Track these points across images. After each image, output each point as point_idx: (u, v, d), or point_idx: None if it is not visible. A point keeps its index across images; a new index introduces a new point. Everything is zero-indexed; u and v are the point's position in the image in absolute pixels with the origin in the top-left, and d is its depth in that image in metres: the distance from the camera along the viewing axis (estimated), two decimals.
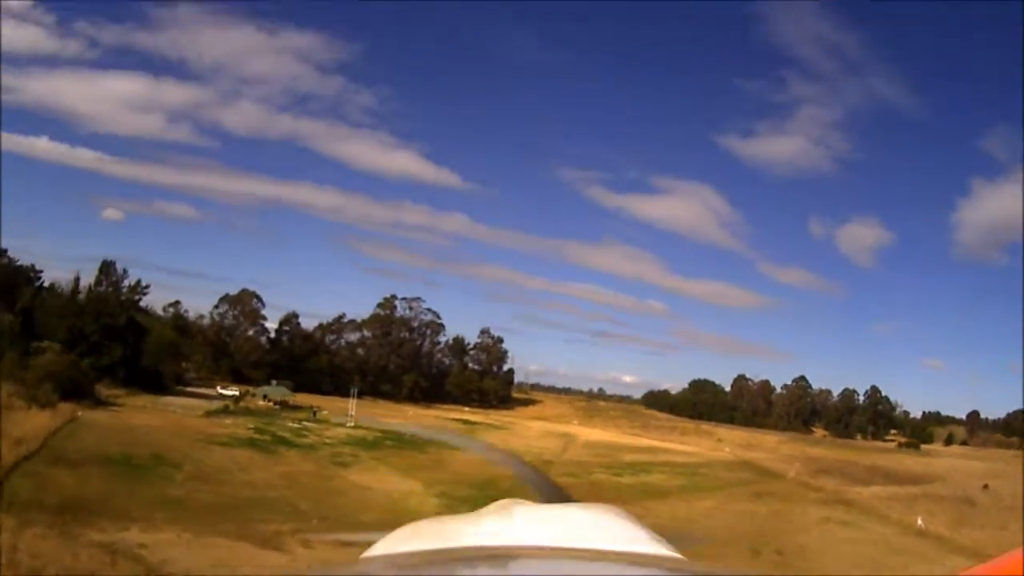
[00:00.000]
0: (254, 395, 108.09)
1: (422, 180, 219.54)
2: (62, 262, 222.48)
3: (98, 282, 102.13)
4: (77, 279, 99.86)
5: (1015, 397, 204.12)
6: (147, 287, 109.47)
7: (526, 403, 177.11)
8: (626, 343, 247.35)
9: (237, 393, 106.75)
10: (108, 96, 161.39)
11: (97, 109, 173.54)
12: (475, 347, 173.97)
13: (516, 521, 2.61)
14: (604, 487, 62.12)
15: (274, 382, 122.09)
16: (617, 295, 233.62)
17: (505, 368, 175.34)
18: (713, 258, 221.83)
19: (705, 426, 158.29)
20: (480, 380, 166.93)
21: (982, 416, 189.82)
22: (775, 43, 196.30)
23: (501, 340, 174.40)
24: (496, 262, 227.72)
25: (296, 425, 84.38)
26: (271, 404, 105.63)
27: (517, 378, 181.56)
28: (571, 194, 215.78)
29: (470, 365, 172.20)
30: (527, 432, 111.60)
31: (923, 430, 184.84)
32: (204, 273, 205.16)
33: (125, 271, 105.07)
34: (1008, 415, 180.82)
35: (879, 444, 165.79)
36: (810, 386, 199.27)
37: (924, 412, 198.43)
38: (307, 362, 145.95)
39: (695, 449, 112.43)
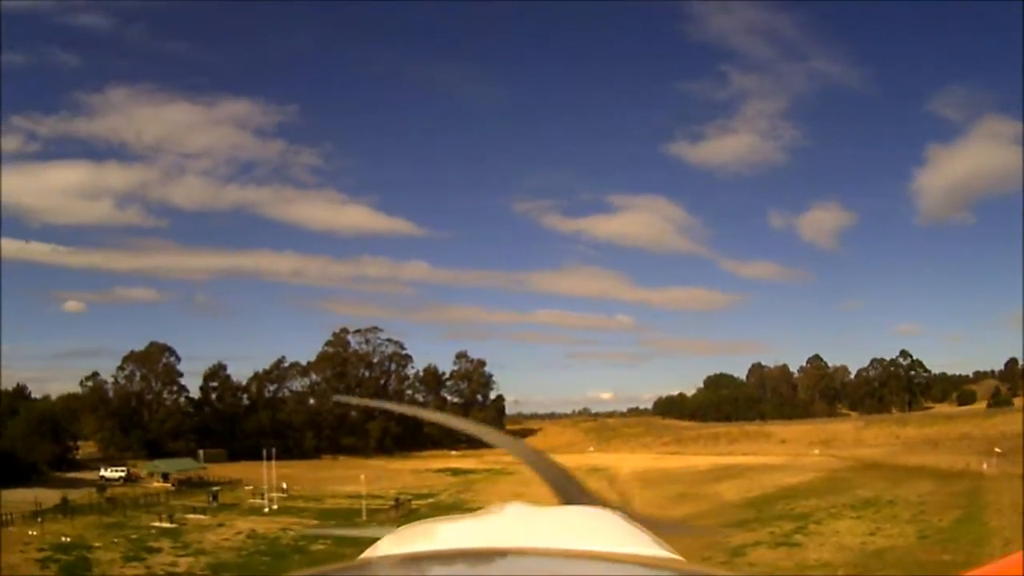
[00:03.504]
0: (153, 473, 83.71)
1: (377, 232, 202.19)
2: (28, 361, 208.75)
3: None
4: None
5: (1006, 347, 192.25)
6: None
7: (524, 434, 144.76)
8: (598, 361, 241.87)
9: (123, 473, 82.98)
10: (54, 187, 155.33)
11: (45, 201, 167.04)
12: (452, 376, 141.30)
13: (515, 521, 2.40)
14: None
15: (201, 452, 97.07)
16: (584, 316, 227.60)
17: (492, 396, 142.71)
18: (675, 265, 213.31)
19: (748, 427, 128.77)
20: (465, 414, 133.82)
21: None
22: (710, 39, 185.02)
23: (483, 363, 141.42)
24: (461, 303, 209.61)
25: (169, 524, 53.80)
26: (169, 485, 78.48)
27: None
28: (529, 225, 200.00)
29: (449, 399, 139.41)
30: None
31: (953, 391, 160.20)
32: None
33: None
34: None
35: (936, 411, 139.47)
36: (827, 365, 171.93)
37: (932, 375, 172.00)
38: (244, 422, 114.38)
39: (780, 459, 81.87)
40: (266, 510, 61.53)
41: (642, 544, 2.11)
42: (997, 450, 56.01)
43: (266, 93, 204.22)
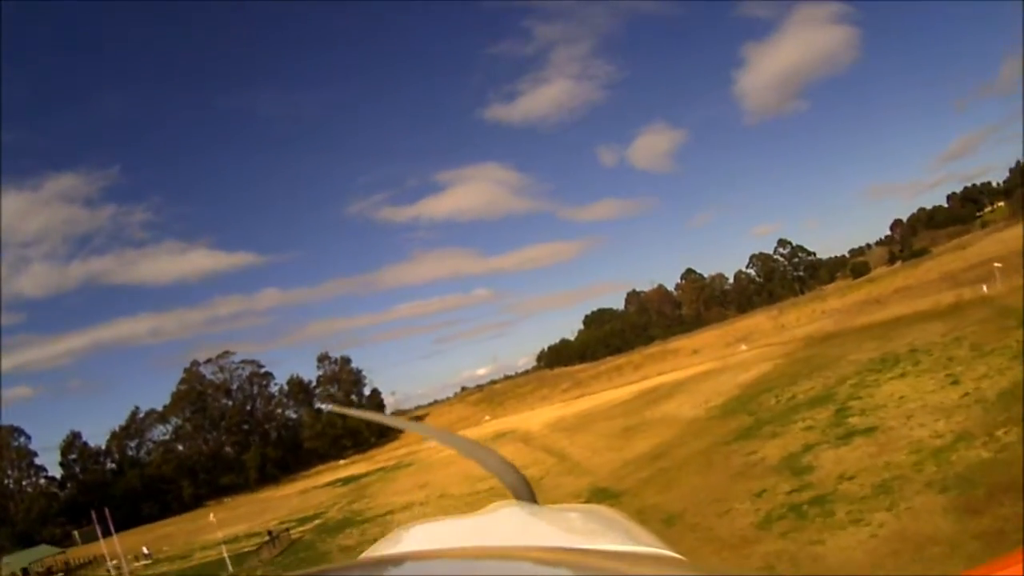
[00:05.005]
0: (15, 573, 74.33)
1: (223, 270, 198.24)
2: None
3: None
4: None
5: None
6: None
7: None
8: (466, 338, 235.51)
9: None
10: None
11: None
12: (320, 382, 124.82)
13: (514, 521, 2.43)
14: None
15: (76, 533, 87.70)
16: (442, 299, 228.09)
17: (367, 392, 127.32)
18: (520, 227, 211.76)
19: (648, 350, 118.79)
20: (343, 419, 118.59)
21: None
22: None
23: (348, 360, 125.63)
24: (319, 318, 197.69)
25: None
26: None
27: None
28: (365, 224, 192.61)
29: (324, 406, 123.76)
30: (445, 457, 65.95)
31: (840, 268, 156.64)
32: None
33: None
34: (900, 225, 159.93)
35: (840, 285, 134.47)
36: (702, 276, 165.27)
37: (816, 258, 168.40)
38: (113, 488, 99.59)
39: (710, 365, 70.18)
40: None
41: (640, 542, 2.09)
42: (998, 265, 46.24)
43: (87, 160, 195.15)
